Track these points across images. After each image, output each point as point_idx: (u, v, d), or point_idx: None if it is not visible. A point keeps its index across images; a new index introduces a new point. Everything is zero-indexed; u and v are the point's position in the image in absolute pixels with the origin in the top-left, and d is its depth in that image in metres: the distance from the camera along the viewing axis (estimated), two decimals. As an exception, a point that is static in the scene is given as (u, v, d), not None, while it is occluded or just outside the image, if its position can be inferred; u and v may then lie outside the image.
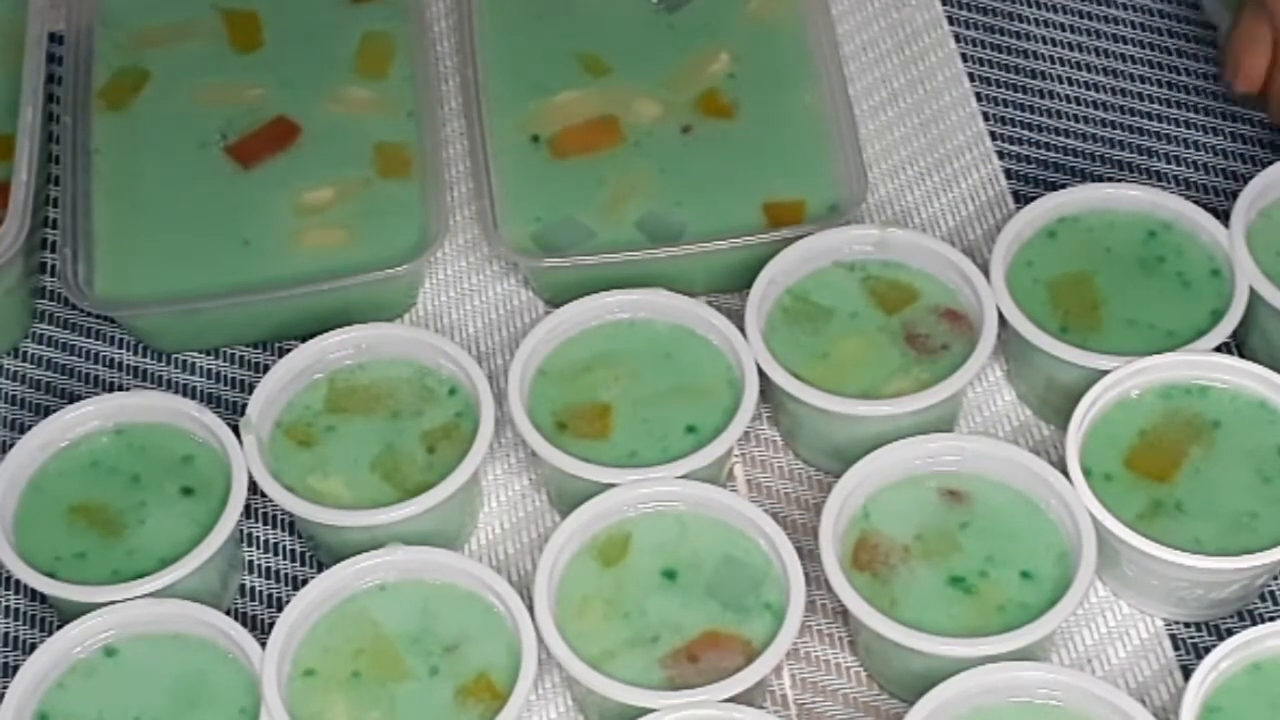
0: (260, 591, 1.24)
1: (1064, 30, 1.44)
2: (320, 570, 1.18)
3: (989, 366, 1.29)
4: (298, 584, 1.21)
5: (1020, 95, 1.41)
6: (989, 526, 1.17)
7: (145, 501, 1.20)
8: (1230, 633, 1.14)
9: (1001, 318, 1.23)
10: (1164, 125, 1.38)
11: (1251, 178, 1.28)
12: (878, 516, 1.18)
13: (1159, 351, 1.21)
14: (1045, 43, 1.43)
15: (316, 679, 1.13)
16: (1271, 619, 1.19)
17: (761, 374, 1.22)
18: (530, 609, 1.14)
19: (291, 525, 1.26)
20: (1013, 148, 1.39)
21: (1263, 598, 1.21)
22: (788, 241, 1.27)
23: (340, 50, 1.40)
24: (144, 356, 1.33)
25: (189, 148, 1.36)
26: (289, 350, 1.25)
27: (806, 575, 1.14)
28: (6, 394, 1.32)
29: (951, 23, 1.45)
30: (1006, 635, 1.11)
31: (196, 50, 1.41)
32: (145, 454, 1.21)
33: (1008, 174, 1.37)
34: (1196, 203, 1.28)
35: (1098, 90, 1.41)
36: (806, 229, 1.28)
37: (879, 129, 1.40)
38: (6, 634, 1.23)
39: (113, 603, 1.15)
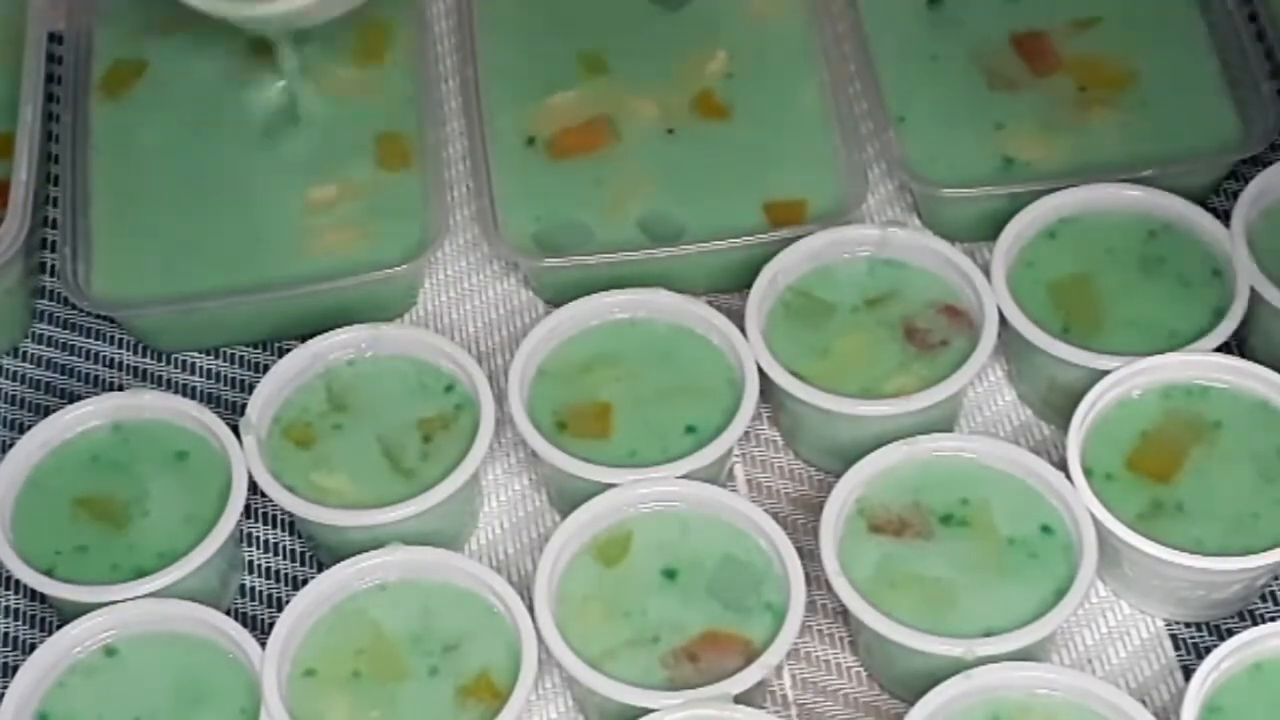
0: (260, 591, 1.24)
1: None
2: (320, 570, 1.18)
3: (989, 366, 1.29)
4: (298, 584, 1.21)
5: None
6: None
7: (144, 502, 1.20)
8: (1231, 633, 1.14)
9: (1002, 318, 1.23)
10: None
11: (1252, 178, 1.29)
12: (878, 516, 1.18)
13: (1160, 352, 1.21)
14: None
15: (316, 679, 1.13)
16: (1272, 619, 1.19)
17: (762, 373, 1.22)
18: (530, 609, 1.14)
19: (291, 525, 1.26)
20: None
21: (1264, 598, 1.21)
22: (788, 241, 1.27)
23: (339, 40, 1.40)
24: (144, 356, 1.33)
25: (189, 143, 1.36)
26: (289, 350, 1.25)
27: (806, 575, 1.14)
28: (6, 394, 1.32)
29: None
30: (1007, 635, 1.11)
31: (196, 43, 1.41)
32: (144, 453, 1.21)
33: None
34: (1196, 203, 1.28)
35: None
36: (807, 229, 1.28)
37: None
38: (6, 634, 1.22)
39: (113, 603, 1.15)
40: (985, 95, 1.36)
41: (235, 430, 1.21)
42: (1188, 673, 1.16)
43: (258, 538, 1.26)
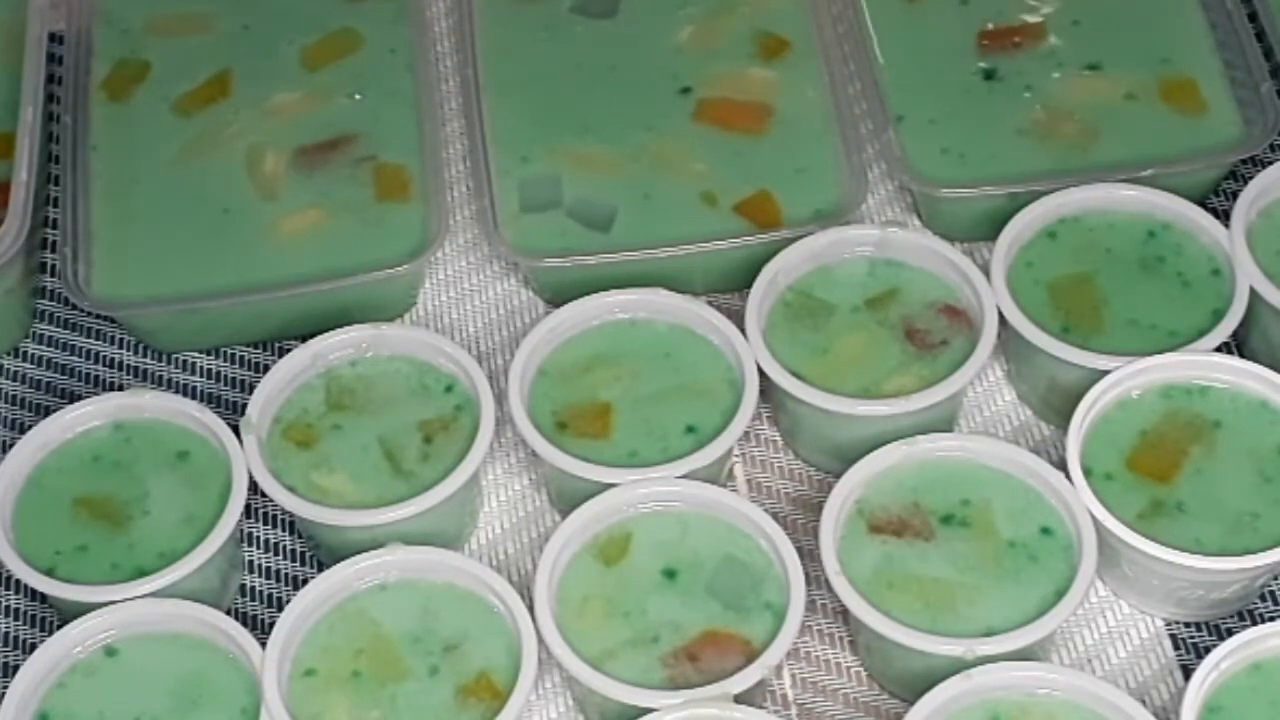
0: (260, 591, 1.24)
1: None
2: (320, 570, 1.18)
3: (989, 366, 1.30)
4: (298, 584, 1.21)
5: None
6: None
7: (144, 502, 1.20)
8: (1231, 632, 1.14)
9: (1002, 318, 1.23)
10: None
11: (1251, 178, 1.29)
12: (878, 516, 1.18)
13: (1160, 351, 1.21)
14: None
15: (316, 679, 1.14)
16: (1272, 619, 1.19)
17: (761, 373, 1.22)
18: (530, 609, 1.14)
19: (291, 525, 1.26)
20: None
21: (1263, 598, 1.21)
22: (788, 241, 1.27)
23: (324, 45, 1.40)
24: (144, 356, 1.33)
25: (187, 141, 1.36)
26: (289, 350, 1.25)
27: (806, 575, 1.15)
28: (6, 394, 1.32)
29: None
30: (1007, 635, 1.11)
31: (197, 43, 1.41)
32: (145, 453, 1.22)
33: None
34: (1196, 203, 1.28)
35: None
36: (807, 229, 1.28)
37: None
38: (6, 634, 1.23)
39: (113, 602, 1.15)
40: (985, 94, 1.36)
41: (236, 430, 1.21)
42: (1187, 672, 1.16)
43: (258, 538, 1.26)
